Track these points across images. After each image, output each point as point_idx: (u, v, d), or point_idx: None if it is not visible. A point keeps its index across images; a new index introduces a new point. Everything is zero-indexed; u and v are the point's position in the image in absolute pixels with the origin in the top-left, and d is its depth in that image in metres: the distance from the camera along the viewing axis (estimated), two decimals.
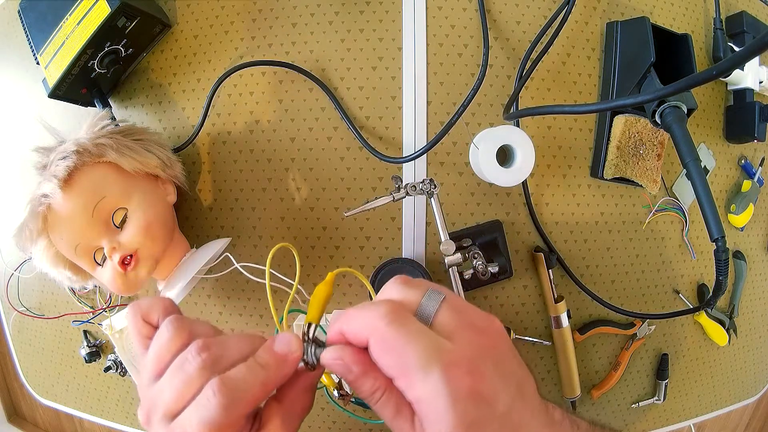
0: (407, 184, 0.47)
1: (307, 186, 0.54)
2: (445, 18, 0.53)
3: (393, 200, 0.47)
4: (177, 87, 0.56)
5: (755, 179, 0.64)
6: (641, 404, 0.64)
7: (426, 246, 0.54)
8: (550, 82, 0.55)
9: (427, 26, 0.53)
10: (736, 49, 0.60)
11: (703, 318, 0.64)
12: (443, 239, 0.47)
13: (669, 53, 0.54)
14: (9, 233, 0.46)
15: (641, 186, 0.55)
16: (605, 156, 0.54)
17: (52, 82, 0.50)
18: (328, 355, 0.25)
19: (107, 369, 0.64)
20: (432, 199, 0.47)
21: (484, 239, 0.53)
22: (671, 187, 0.59)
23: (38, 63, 0.52)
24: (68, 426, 1.44)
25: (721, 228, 0.40)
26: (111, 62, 0.51)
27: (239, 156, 0.55)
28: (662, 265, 0.60)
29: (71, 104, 0.55)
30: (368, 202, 0.47)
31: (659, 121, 0.46)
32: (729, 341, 0.65)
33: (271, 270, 0.52)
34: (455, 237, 0.52)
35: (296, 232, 0.55)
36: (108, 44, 0.50)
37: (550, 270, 0.55)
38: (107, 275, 0.46)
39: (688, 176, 0.42)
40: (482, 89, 0.52)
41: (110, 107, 0.55)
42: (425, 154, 0.52)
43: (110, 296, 0.61)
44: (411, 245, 0.54)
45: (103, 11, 0.47)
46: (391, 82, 0.53)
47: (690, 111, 0.48)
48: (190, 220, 0.57)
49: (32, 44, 0.52)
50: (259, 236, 0.56)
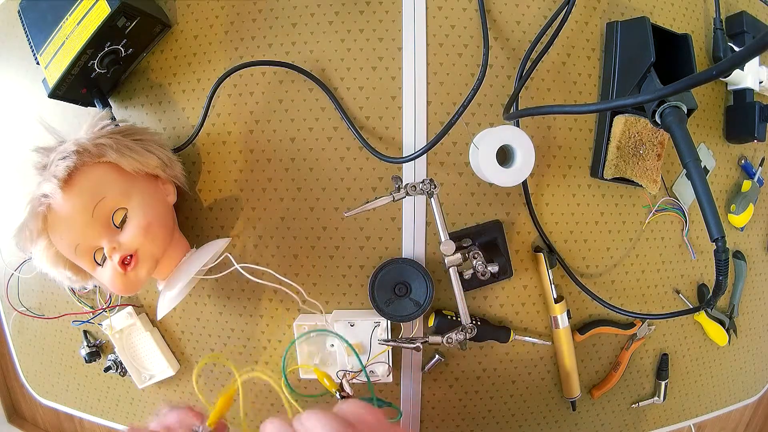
0: (407, 184, 0.47)
1: (307, 186, 0.54)
2: (445, 18, 0.53)
3: (393, 200, 0.47)
4: (177, 87, 0.56)
5: (755, 179, 0.64)
6: (641, 404, 0.64)
7: (426, 246, 0.54)
8: (550, 82, 0.55)
9: (427, 26, 0.53)
10: (736, 49, 0.60)
11: (703, 318, 0.64)
12: (443, 239, 0.47)
13: (669, 53, 0.54)
14: (9, 233, 0.46)
15: (641, 186, 0.55)
16: (605, 156, 0.54)
17: (52, 82, 0.50)
18: None
19: (107, 369, 0.64)
20: (432, 199, 0.47)
21: (484, 239, 0.53)
22: (671, 187, 0.59)
23: (38, 63, 0.52)
24: (68, 426, 1.44)
25: (721, 228, 0.40)
26: (111, 62, 0.51)
27: (239, 156, 0.55)
28: (662, 265, 0.60)
29: (71, 104, 0.55)
30: (368, 202, 0.47)
31: (659, 121, 0.46)
32: (729, 341, 0.65)
33: (272, 271, 0.52)
34: (455, 237, 0.52)
35: (296, 232, 0.55)
36: (108, 44, 0.50)
37: (550, 270, 0.55)
38: (107, 275, 0.46)
39: (688, 176, 0.42)
40: (482, 89, 0.52)
41: (110, 107, 0.55)
42: (425, 154, 0.52)
43: (110, 296, 0.61)
44: (411, 245, 0.54)
45: (103, 11, 0.47)
46: (391, 82, 0.53)
47: (690, 111, 0.48)
48: (190, 220, 0.57)
49: (32, 44, 0.52)
50: (259, 236, 0.56)
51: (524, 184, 0.54)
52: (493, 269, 0.48)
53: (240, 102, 0.55)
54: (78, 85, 0.52)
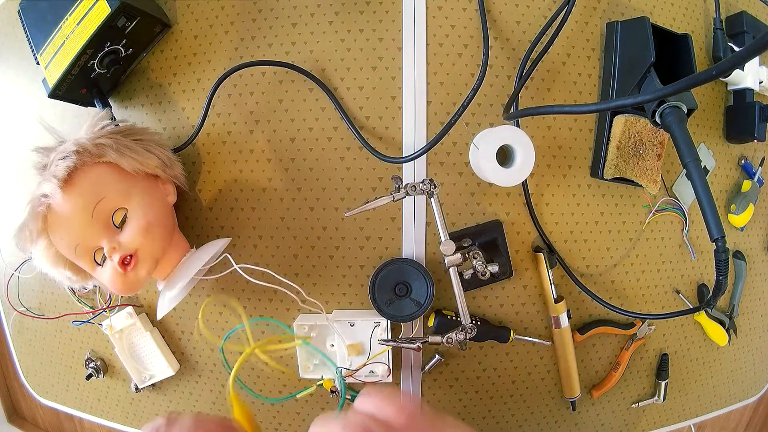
0: (407, 184, 0.47)
1: (307, 186, 0.54)
2: (445, 18, 0.53)
3: (393, 200, 0.47)
4: (177, 87, 0.56)
5: (755, 179, 0.64)
6: (641, 404, 0.64)
7: (426, 246, 0.54)
8: (550, 82, 0.55)
9: (427, 26, 0.53)
10: (736, 49, 0.60)
11: (703, 318, 0.64)
12: (443, 239, 0.47)
13: (669, 53, 0.54)
14: (9, 233, 0.46)
15: (641, 186, 0.55)
16: (605, 156, 0.54)
17: (52, 82, 0.50)
18: None
19: (89, 377, 0.64)
20: (432, 199, 0.47)
21: (484, 239, 0.53)
22: (671, 187, 0.59)
23: (38, 63, 0.52)
24: (68, 426, 1.44)
25: (721, 228, 0.40)
26: (111, 62, 0.51)
27: (239, 156, 0.55)
28: (662, 265, 0.60)
29: (71, 104, 0.55)
30: (368, 202, 0.47)
31: (659, 121, 0.46)
32: (729, 341, 0.65)
33: (272, 272, 0.52)
34: (455, 237, 0.52)
35: (296, 232, 0.55)
36: (108, 44, 0.50)
37: (550, 270, 0.55)
38: (107, 275, 0.46)
39: (688, 176, 0.42)
40: (482, 89, 0.52)
41: (110, 107, 0.55)
42: (425, 154, 0.52)
43: (110, 296, 0.61)
44: (411, 245, 0.54)
45: (103, 11, 0.47)
46: (391, 82, 0.53)
47: (690, 111, 0.48)
48: (190, 220, 0.57)
49: (32, 44, 0.52)
50: (259, 236, 0.56)
51: (524, 184, 0.54)
52: (493, 269, 0.48)
53: (240, 102, 0.55)
54: (78, 85, 0.52)
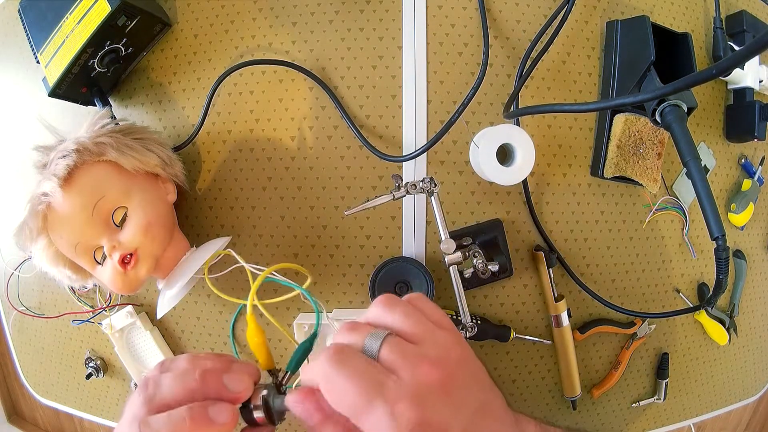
0: (407, 183, 0.47)
1: (307, 185, 0.54)
2: (445, 17, 0.53)
3: (393, 199, 0.47)
4: (177, 86, 0.56)
5: (755, 178, 0.64)
6: (641, 404, 0.64)
7: (426, 245, 0.54)
8: (550, 81, 0.55)
9: (427, 25, 0.53)
10: (736, 48, 0.60)
11: (704, 317, 0.64)
12: (443, 238, 0.47)
13: (669, 52, 0.54)
14: (9, 232, 0.46)
15: (641, 185, 0.55)
16: (605, 155, 0.54)
17: (52, 81, 0.50)
18: (291, 399, 0.26)
19: (89, 376, 0.64)
20: (432, 198, 0.47)
21: (485, 238, 0.53)
22: (671, 186, 0.59)
23: (38, 62, 0.52)
24: (68, 426, 1.44)
25: (722, 227, 0.40)
26: (111, 61, 0.51)
27: (239, 155, 0.55)
28: (662, 264, 0.60)
29: (71, 103, 0.55)
30: (368, 201, 0.47)
31: (659, 120, 0.46)
32: (729, 340, 0.65)
33: (272, 272, 0.52)
34: (455, 236, 0.52)
35: (296, 232, 0.55)
36: (108, 43, 0.50)
37: (551, 269, 0.55)
38: (107, 274, 0.46)
39: (689, 175, 0.42)
40: (482, 88, 0.52)
41: (110, 106, 0.55)
42: (425, 153, 0.52)
43: (110, 295, 0.61)
44: (411, 244, 0.54)
45: (104, 10, 0.47)
46: (391, 81, 0.53)
47: (690, 110, 0.48)
48: (190, 220, 0.57)
49: (32, 43, 0.52)
50: (259, 235, 0.56)
51: (524, 183, 0.54)
52: (494, 268, 0.48)
53: (240, 101, 0.55)
54: (78, 84, 0.52)
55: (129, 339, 0.62)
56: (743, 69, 0.59)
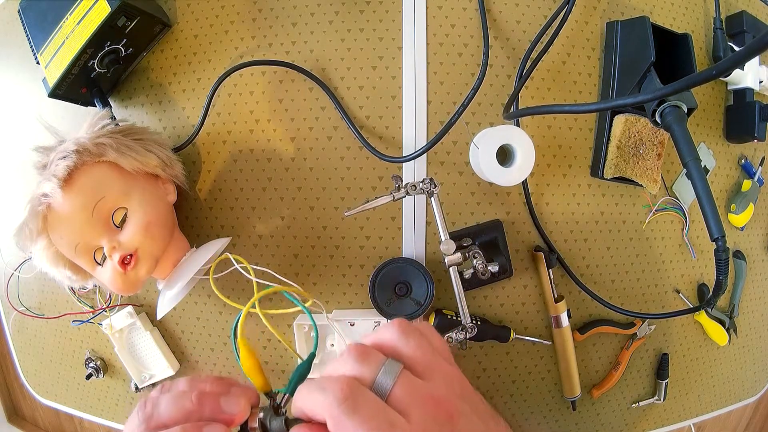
0: (407, 184, 0.47)
1: (307, 186, 0.54)
2: (445, 17, 0.53)
3: (393, 200, 0.47)
4: (177, 86, 0.56)
5: (755, 179, 0.64)
6: (641, 404, 0.64)
7: (426, 245, 0.54)
8: (550, 82, 0.55)
9: (427, 26, 0.53)
10: (736, 49, 0.60)
11: (704, 318, 0.64)
12: (443, 239, 0.47)
13: (669, 53, 0.54)
14: (9, 233, 0.46)
15: (641, 186, 0.55)
16: (605, 155, 0.54)
17: (52, 82, 0.50)
18: None
19: (88, 377, 0.64)
20: (432, 199, 0.47)
21: (484, 239, 0.53)
22: (671, 187, 0.59)
23: (38, 62, 0.52)
24: (68, 426, 1.44)
25: (721, 227, 0.40)
26: (111, 62, 0.51)
27: (239, 156, 0.55)
28: (662, 265, 0.60)
29: (71, 104, 0.55)
30: (368, 202, 0.47)
31: (659, 121, 0.46)
32: (729, 341, 0.65)
33: (271, 271, 0.52)
34: (455, 236, 0.52)
35: (296, 232, 0.55)
36: (108, 44, 0.50)
37: (550, 269, 0.55)
38: (107, 275, 0.46)
39: (688, 176, 0.42)
40: (482, 89, 0.52)
41: (110, 107, 0.55)
42: (425, 154, 0.52)
43: (110, 296, 0.61)
44: (411, 245, 0.54)
45: (103, 11, 0.47)
46: (391, 82, 0.53)
47: (690, 110, 0.47)
48: (190, 220, 0.57)
49: (32, 44, 0.52)
50: (259, 236, 0.56)
51: (524, 184, 0.54)
52: (494, 269, 0.48)
53: (240, 101, 0.55)
54: (78, 85, 0.52)
55: (129, 339, 0.62)
56: (743, 69, 0.59)
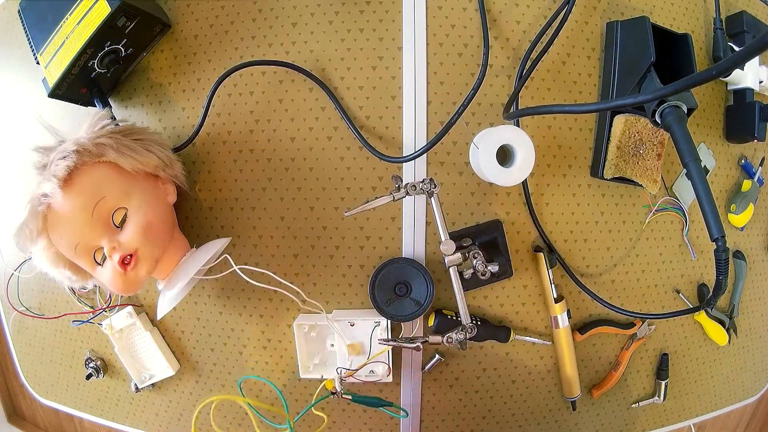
0: (407, 184, 0.47)
1: (307, 186, 0.54)
2: (445, 18, 0.53)
3: (393, 200, 0.47)
4: (177, 87, 0.56)
5: (755, 179, 0.64)
6: (641, 404, 0.64)
7: (426, 246, 0.54)
8: (550, 82, 0.55)
9: (427, 26, 0.53)
10: (736, 49, 0.60)
11: (703, 318, 0.64)
12: (443, 239, 0.47)
13: (669, 53, 0.54)
14: (9, 233, 0.46)
15: (641, 186, 0.55)
16: (605, 156, 0.54)
17: (52, 82, 0.50)
18: None
19: (89, 377, 0.64)
20: (432, 199, 0.47)
21: (484, 239, 0.53)
22: (671, 187, 0.59)
23: (38, 62, 0.52)
24: (68, 426, 1.43)
25: (722, 228, 0.40)
26: (111, 62, 0.51)
27: (239, 156, 0.55)
28: (662, 265, 0.60)
29: (71, 104, 0.55)
30: (368, 202, 0.47)
31: (659, 121, 0.46)
32: (729, 341, 0.65)
33: (271, 272, 0.52)
34: (455, 237, 0.52)
35: (296, 232, 0.55)
36: (108, 44, 0.50)
37: (550, 270, 0.55)
38: (107, 275, 0.46)
39: (689, 176, 0.42)
40: (482, 89, 0.52)
41: (110, 107, 0.55)
42: (425, 154, 0.52)
43: (110, 296, 0.61)
44: (411, 245, 0.54)
45: (103, 11, 0.47)
46: (391, 82, 0.53)
47: (690, 110, 0.47)
48: (190, 220, 0.57)
49: (32, 44, 0.52)
50: (259, 236, 0.56)
51: (524, 184, 0.54)
52: (493, 269, 0.48)
53: (240, 102, 0.55)
54: (78, 85, 0.52)
55: (129, 339, 0.62)
56: (743, 70, 0.59)
